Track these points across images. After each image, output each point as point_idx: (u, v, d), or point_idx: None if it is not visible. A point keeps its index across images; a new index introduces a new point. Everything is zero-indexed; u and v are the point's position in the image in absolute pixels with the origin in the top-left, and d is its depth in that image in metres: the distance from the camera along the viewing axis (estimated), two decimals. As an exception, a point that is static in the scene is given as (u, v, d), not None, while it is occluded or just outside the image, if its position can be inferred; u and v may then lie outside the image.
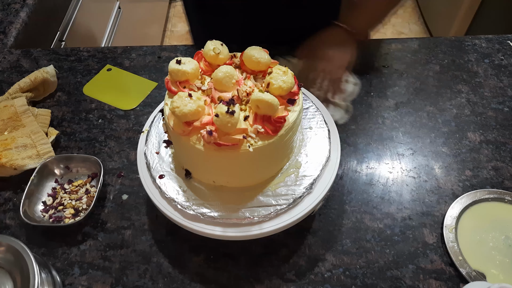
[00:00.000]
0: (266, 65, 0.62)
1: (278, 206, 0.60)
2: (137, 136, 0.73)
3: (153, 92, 0.90)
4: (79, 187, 0.74)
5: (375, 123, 0.85)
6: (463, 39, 1.01)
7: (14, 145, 0.76)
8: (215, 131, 0.55)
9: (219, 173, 0.62)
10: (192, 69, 0.61)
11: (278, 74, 0.59)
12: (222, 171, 0.62)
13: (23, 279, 0.56)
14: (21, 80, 0.88)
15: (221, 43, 0.64)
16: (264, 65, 0.62)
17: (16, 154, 0.75)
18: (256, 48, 0.62)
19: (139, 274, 0.66)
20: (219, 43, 0.63)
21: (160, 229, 0.70)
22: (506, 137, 0.82)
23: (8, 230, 0.71)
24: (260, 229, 0.60)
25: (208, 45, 0.63)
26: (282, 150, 0.62)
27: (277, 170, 0.65)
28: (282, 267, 0.66)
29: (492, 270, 0.65)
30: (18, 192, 0.75)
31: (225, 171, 0.62)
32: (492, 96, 0.89)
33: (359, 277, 0.65)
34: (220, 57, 0.62)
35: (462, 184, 0.76)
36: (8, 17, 1.09)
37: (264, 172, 0.64)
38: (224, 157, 0.57)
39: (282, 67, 0.60)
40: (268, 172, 0.64)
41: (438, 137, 0.83)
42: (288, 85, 0.58)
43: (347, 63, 0.80)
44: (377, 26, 0.86)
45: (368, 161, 0.79)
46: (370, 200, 0.74)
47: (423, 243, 0.69)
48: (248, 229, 0.60)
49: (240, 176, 0.63)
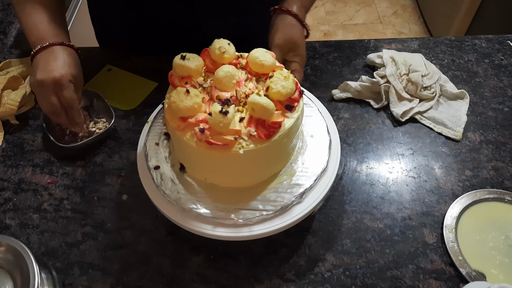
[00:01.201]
0: (270, 68, 0.61)
1: (264, 211, 0.60)
2: (137, 136, 0.73)
3: (153, 92, 0.90)
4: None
5: (375, 123, 0.85)
6: (463, 39, 1.01)
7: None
8: (208, 129, 0.55)
9: (210, 171, 0.62)
10: (196, 66, 0.61)
11: (278, 79, 0.58)
12: (213, 169, 0.62)
13: (23, 279, 0.56)
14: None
15: (228, 42, 0.63)
16: (268, 68, 0.61)
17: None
18: (261, 50, 0.62)
19: (139, 274, 0.66)
20: (226, 42, 0.63)
21: (160, 229, 0.70)
22: (506, 137, 0.82)
23: (8, 230, 0.71)
24: (260, 229, 0.60)
25: (214, 43, 0.63)
26: (275, 155, 0.61)
27: (270, 175, 0.64)
28: (282, 267, 0.66)
29: (492, 270, 0.65)
30: (18, 192, 0.75)
31: (216, 170, 0.62)
32: (492, 96, 0.89)
33: (359, 277, 0.65)
34: (225, 56, 0.62)
35: (462, 184, 0.76)
36: (8, 17, 1.09)
37: (255, 176, 0.63)
38: (215, 156, 0.57)
39: (284, 72, 0.59)
40: (260, 176, 0.63)
41: (438, 137, 0.83)
42: (288, 90, 0.58)
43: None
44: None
45: (368, 161, 0.79)
46: (370, 200, 0.74)
47: (423, 243, 0.69)
48: (248, 229, 0.60)
49: (230, 176, 0.63)
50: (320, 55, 0.96)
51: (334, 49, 0.98)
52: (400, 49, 0.97)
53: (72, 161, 0.79)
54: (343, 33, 2.46)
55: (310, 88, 0.88)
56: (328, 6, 2.63)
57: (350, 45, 0.99)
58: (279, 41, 0.74)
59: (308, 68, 0.93)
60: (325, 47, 0.98)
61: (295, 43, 0.75)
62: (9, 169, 0.78)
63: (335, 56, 0.96)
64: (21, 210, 0.73)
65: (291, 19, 0.76)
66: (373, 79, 0.86)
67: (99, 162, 0.79)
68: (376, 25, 2.51)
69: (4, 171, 0.78)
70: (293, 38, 0.74)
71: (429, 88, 0.86)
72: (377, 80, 0.85)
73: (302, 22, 0.76)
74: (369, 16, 2.56)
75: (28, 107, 0.87)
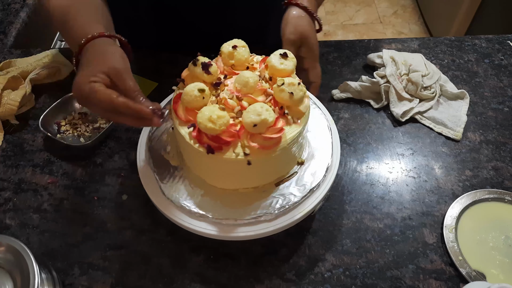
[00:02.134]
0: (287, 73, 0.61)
1: (264, 212, 0.60)
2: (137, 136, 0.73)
3: (153, 92, 0.89)
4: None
5: (375, 123, 0.85)
6: (463, 39, 1.01)
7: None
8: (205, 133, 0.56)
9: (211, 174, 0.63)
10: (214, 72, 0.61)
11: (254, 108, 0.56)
12: (215, 173, 0.62)
13: (23, 279, 0.56)
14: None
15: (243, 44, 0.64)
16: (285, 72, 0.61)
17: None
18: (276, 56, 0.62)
19: (139, 274, 0.66)
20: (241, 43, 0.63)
21: (160, 229, 0.70)
22: (506, 137, 0.82)
23: (8, 230, 0.71)
24: (260, 229, 0.60)
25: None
26: (273, 164, 0.61)
27: (270, 180, 0.63)
28: (282, 267, 0.66)
29: (492, 270, 0.65)
30: (18, 192, 0.75)
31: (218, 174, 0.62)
32: (492, 96, 0.89)
33: (359, 277, 0.65)
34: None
35: (462, 184, 0.76)
36: (8, 17, 1.09)
37: (256, 181, 0.63)
38: (215, 160, 0.57)
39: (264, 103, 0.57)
40: (261, 181, 0.63)
41: (438, 137, 0.83)
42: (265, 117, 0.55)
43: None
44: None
45: (368, 161, 0.79)
46: (370, 200, 0.74)
47: (423, 243, 0.69)
48: (248, 229, 0.60)
49: (231, 180, 0.63)
50: (320, 55, 0.96)
51: (334, 49, 0.98)
52: (400, 49, 0.97)
53: (72, 161, 0.79)
54: (343, 33, 2.46)
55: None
56: (328, 6, 2.63)
57: (350, 45, 0.99)
58: (291, 36, 0.72)
59: (308, 68, 0.93)
60: (325, 47, 0.98)
61: (305, 36, 0.73)
62: (9, 169, 0.78)
63: (335, 56, 0.96)
64: (21, 210, 0.73)
65: (300, 11, 0.74)
66: (373, 79, 0.86)
67: (99, 162, 0.79)
68: (376, 25, 2.51)
69: (4, 171, 0.78)
70: (303, 31, 0.73)
71: (429, 88, 0.86)
72: (377, 80, 0.85)
73: (313, 14, 0.75)
74: (369, 16, 2.56)
75: (28, 107, 0.87)
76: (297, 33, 0.72)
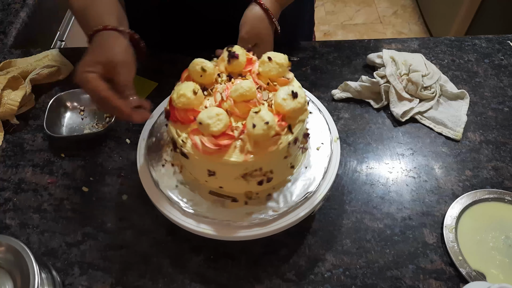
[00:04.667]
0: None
1: (265, 212, 0.60)
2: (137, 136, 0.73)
3: (153, 92, 0.89)
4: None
5: (375, 123, 0.85)
6: (463, 39, 1.01)
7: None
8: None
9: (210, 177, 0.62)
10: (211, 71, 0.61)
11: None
12: (201, 168, 0.62)
13: (23, 279, 0.56)
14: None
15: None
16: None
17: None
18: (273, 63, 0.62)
19: (139, 274, 0.66)
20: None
21: (160, 229, 0.70)
22: (506, 137, 0.82)
23: (8, 230, 0.71)
24: (260, 229, 0.59)
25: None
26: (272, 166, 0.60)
27: (250, 189, 0.63)
28: (282, 267, 0.66)
29: (492, 270, 0.65)
30: (18, 192, 0.75)
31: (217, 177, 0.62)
32: (492, 96, 0.89)
33: (359, 277, 0.65)
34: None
35: (462, 184, 0.76)
36: (8, 17, 1.09)
37: (233, 187, 0.63)
38: (214, 162, 0.57)
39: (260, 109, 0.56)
40: (240, 188, 0.63)
41: (438, 137, 0.83)
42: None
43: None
44: None
45: (368, 161, 0.79)
46: (370, 200, 0.74)
47: (423, 243, 0.69)
48: (248, 229, 0.60)
49: (229, 184, 0.62)
50: (320, 55, 0.96)
51: (334, 49, 0.98)
52: (400, 49, 0.97)
53: (72, 161, 0.79)
54: (343, 33, 2.46)
55: (310, 88, 0.88)
56: (328, 6, 2.63)
57: (350, 45, 0.99)
58: (246, 36, 0.74)
59: (308, 68, 0.93)
60: (325, 47, 0.98)
61: (261, 39, 0.74)
62: (9, 169, 0.78)
63: (335, 56, 0.96)
64: (21, 210, 0.73)
65: (261, 13, 0.74)
66: (373, 79, 0.86)
67: (99, 162, 0.79)
68: (376, 25, 2.51)
69: (4, 171, 0.78)
70: (259, 33, 0.74)
71: (429, 88, 0.86)
72: (377, 80, 0.85)
73: (271, 18, 0.75)
74: (369, 16, 2.56)
75: (28, 107, 0.87)
76: (253, 34, 0.74)
